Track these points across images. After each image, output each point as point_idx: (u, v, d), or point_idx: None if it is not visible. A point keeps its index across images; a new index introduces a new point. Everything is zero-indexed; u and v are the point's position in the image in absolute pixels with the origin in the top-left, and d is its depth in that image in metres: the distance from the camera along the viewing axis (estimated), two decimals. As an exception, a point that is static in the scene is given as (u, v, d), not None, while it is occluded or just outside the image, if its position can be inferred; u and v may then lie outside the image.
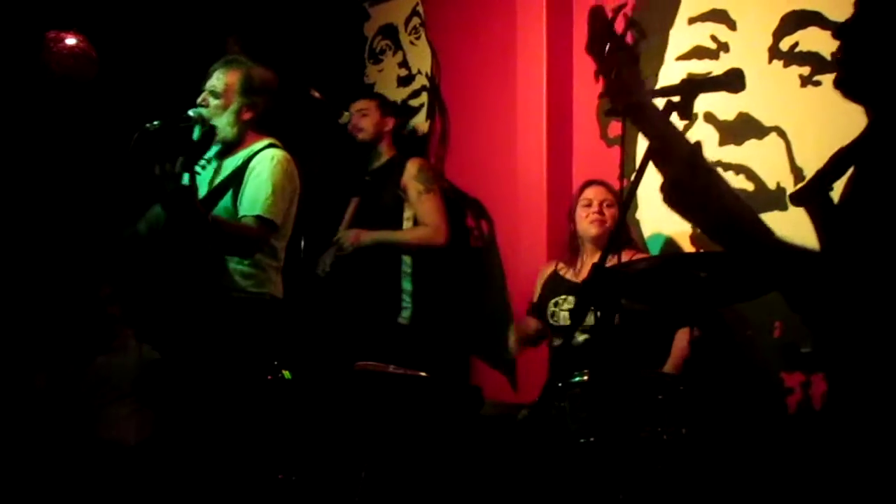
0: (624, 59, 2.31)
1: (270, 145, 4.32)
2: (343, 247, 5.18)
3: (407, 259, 5.31)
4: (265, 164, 4.22)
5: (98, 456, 4.99)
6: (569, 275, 4.72)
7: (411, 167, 5.38)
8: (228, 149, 4.34)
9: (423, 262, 5.35)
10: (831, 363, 2.20)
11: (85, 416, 5.18)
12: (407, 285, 5.31)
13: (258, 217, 4.15)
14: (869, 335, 2.03)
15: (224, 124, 4.29)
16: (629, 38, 2.34)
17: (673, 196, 2.06)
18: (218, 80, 4.32)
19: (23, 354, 5.46)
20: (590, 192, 4.67)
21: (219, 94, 4.30)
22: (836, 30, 2.25)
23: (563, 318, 4.60)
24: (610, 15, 2.33)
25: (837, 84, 2.22)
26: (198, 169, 4.02)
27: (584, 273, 4.64)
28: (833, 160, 2.24)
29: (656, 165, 2.20)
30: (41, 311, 5.65)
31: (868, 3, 2.21)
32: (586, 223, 4.64)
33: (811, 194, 2.24)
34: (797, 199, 2.26)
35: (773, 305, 4.06)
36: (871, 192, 2.09)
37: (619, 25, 2.34)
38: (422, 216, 5.30)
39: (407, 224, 5.35)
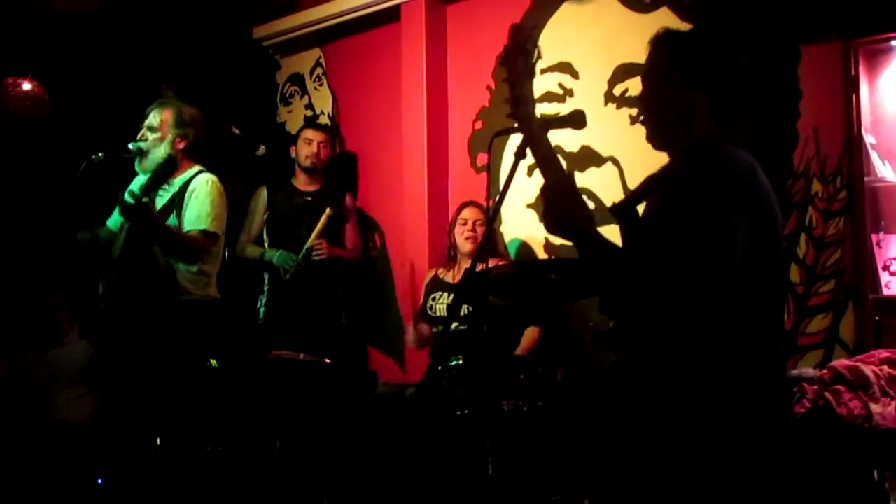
0: (526, 73, 2.33)
1: (200, 171, 4.30)
2: (318, 256, 5.11)
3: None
4: (203, 187, 4.21)
5: (51, 435, 4.84)
6: (447, 277, 4.74)
7: (349, 200, 5.50)
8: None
9: (345, 272, 5.46)
10: (623, 344, 2.25)
11: (39, 401, 5.04)
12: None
13: (203, 231, 4.15)
14: (654, 321, 2.13)
15: (162, 153, 4.26)
16: (533, 58, 2.36)
17: (552, 222, 2.17)
18: (154, 117, 4.30)
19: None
20: (466, 213, 4.71)
21: (155, 129, 4.28)
22: (637, 97, 2.35)
23: (439, 310, 4.64)
24: (524, 35, 2.36)
25: (646, 139, 2.32)
26: (161, 192, 4.14)
27: (460, 277, 4.67)
28: (641, 186, 2.33)
29: (542, 194, 2.22)
30: (3, 313, 5.51)
31: (651, 77, 2.30)
32: (462, 239, 4.68)
33: (623, 210, 2.31)
34: (613, 212, 2.33)
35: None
36: (663, 212, 2.18)
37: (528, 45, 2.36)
38: (350, 238, 5.44)
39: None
